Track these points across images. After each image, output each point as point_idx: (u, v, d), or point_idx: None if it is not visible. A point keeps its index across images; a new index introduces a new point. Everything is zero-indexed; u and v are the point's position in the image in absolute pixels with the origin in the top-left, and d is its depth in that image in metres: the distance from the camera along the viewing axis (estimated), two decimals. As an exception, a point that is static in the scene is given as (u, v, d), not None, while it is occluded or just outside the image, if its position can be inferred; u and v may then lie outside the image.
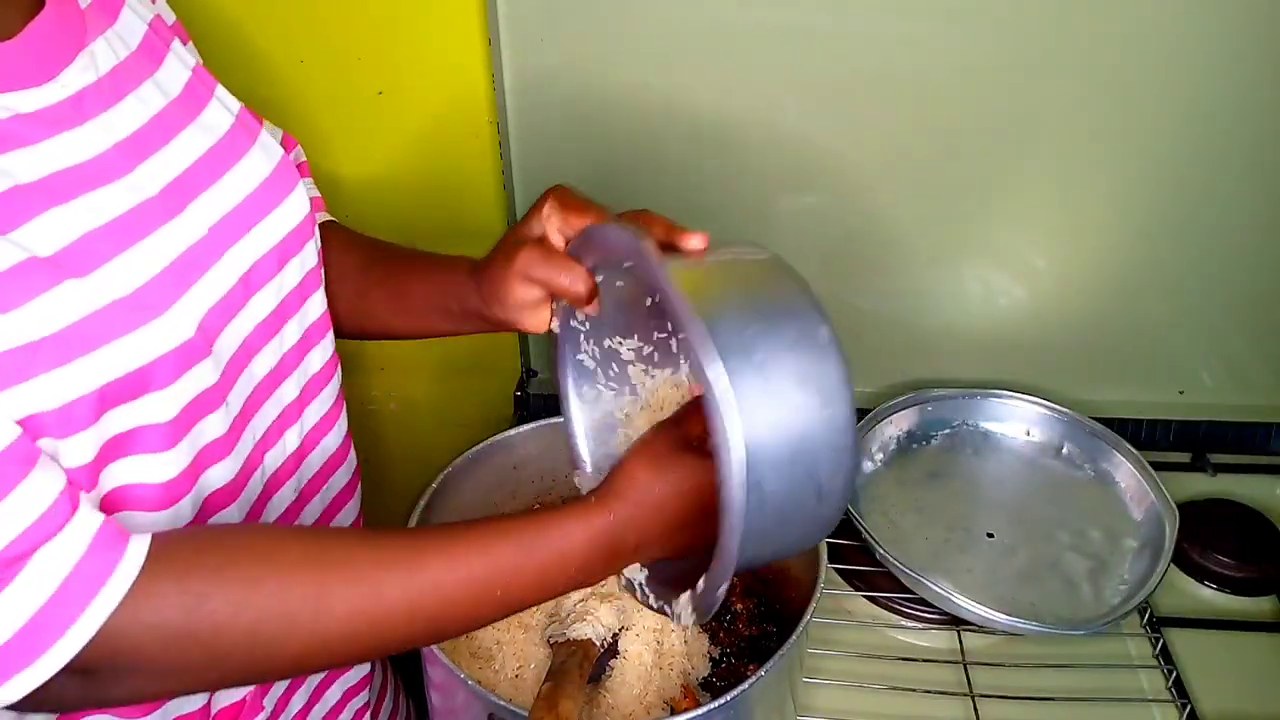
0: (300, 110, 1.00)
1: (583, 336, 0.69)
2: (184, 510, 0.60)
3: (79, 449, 0.52)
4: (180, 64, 0.65)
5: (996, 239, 1.03)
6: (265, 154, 0.66)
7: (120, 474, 0.56)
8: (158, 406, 0.55)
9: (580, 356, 0.70)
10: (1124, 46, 0.90)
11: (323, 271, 0.71)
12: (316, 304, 0.70)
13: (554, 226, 0.65)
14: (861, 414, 1.04)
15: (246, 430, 0.64)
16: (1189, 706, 0.80)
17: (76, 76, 0.56)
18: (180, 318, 0.56)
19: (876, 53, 0.92)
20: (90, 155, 0.55)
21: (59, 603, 0.47)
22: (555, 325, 0.69)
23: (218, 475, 0.62)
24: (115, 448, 0.55)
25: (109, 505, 0.56)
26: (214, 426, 0.60)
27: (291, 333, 0.67)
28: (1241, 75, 0.90)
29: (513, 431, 0.88)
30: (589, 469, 0.71)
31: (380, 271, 0.77)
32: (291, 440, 0.69)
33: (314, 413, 0.72)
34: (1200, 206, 0.98)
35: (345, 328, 0.76)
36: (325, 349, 0.72)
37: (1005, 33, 0.90)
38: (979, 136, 0.96)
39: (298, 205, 0.67)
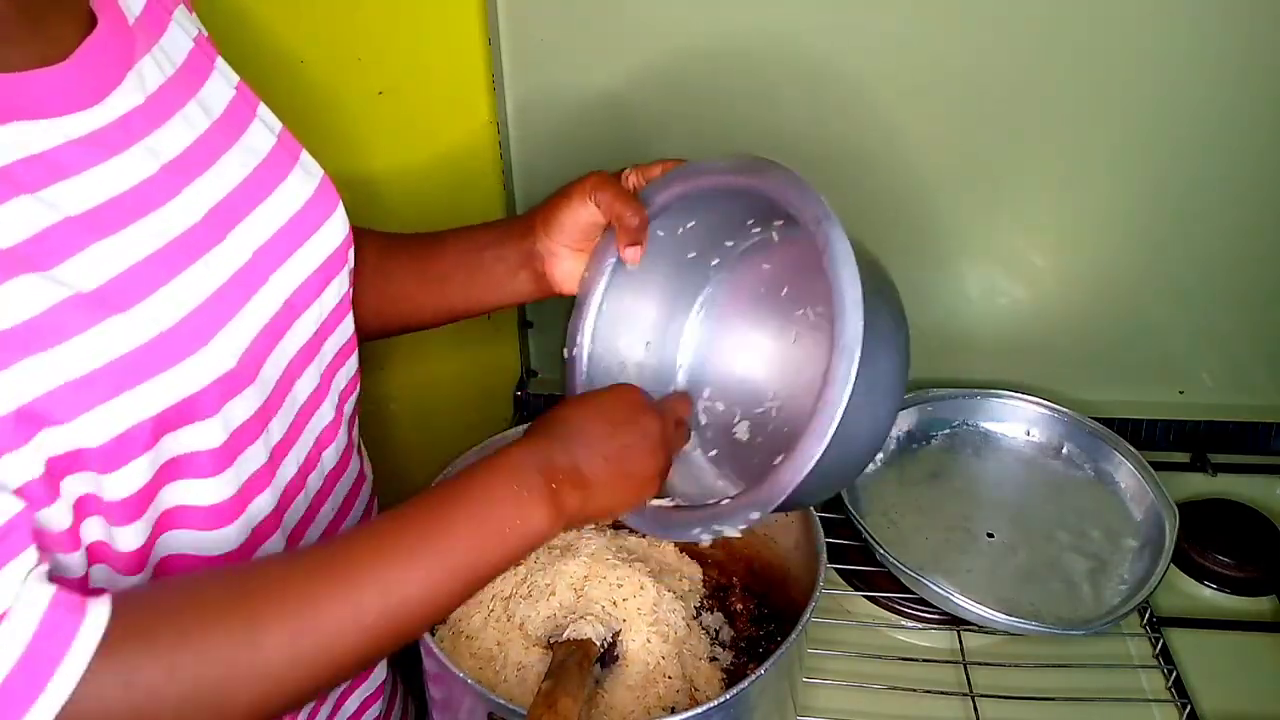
0: (300, 110, 0.99)
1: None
2: (231, 533, 0.59)
3: (135, 474, 0.52)
4: (224, 81, 0.64)
5: (997, 239, 1.03)
6: (307, 175, 0.65)
7: (173, 496, 0.56)
8: (205, 434, 0.55)
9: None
10: (1125, 47, 0.90)
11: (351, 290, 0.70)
12: (348, 325, 0.70)
13: (632, 182, 0.71)
14: (861, 414, 1.04)
15: (290, 454, 0.63)
16: (1189, 706, 0.80)
17: (124, 99, 0.55)
18: (223, 348, 0.55)
19: (877, 54, 0.92)
20: (136, 181, 0.54)
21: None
22: (582, 282, 0.73)
23: (263, 502, 0.61)
24: (169, 472, 0.54)
25: (164, 524, 0.56)
26: (257, 453, 0.59)
27: (328, 354, 0.67)
28: (1242, 76, 0.90)
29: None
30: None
31: (404, 241, 0.77)
32: (329, 459, 0.69)
33: (345, 432, 0.71)
34: (1201, 207, 0.98)
35: (368, 322, 0.75)
36: (350, 367, 0.71)
37: (1005, 32, 0.90)
38: (978, 137, 0.96)
39: (338, 226, 0.66)
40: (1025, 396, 1.05)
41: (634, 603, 0.79)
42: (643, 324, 0.76)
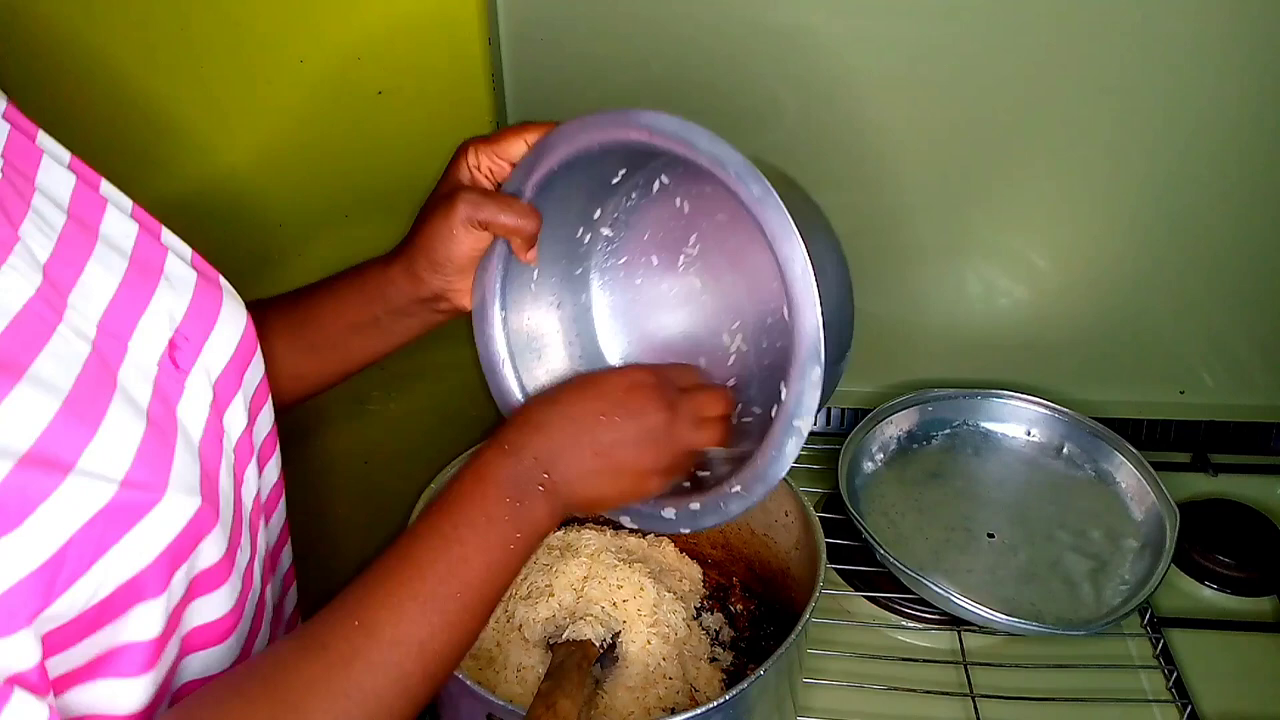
0: (300, 110, 1.00)
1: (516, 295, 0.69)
2: (233, 645, 0.56)
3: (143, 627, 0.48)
4: (57, 164, 0.53)
5: (997, 239, 1.03)
6: (180, 259, 0.57)
7: (193, 616, 0.53)
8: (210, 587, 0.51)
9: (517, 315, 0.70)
10: (1125, 46, 0.90)
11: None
12: (266, 418, 0.62)
13: (485, 167, 0.63)
14: (861, 414, 1.04)
15: (248, 564, 0.58)
16: (1189, 707, 0.80)
17: None
18: (182, 483, 0.48)
19: (878, 52, 0.91)
20: (26, 298, 0.45)
21: None
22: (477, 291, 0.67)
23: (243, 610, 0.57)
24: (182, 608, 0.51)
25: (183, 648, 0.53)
26: (236, 575, 0.55)
27: (258, 441, 0.61)
28: (1242, 76, 0.90)
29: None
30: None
31: (282, 317, 0.68)
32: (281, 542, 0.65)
33: (263, 544, 0.63)
34: (1201, 206, 0.98)
35: (277, 400, 0.68)
36: (274, 466, 0.64)
37: (1006, 32, 0.90)
38: (980, 136, 0.96)
39: (234, 308, 0.59)
40: (1025, 396, 1.05)
41: (634, 603, 0.79)
42: (552, 317, 0.72)
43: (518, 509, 0.55)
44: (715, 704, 0.63)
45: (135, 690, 0.48)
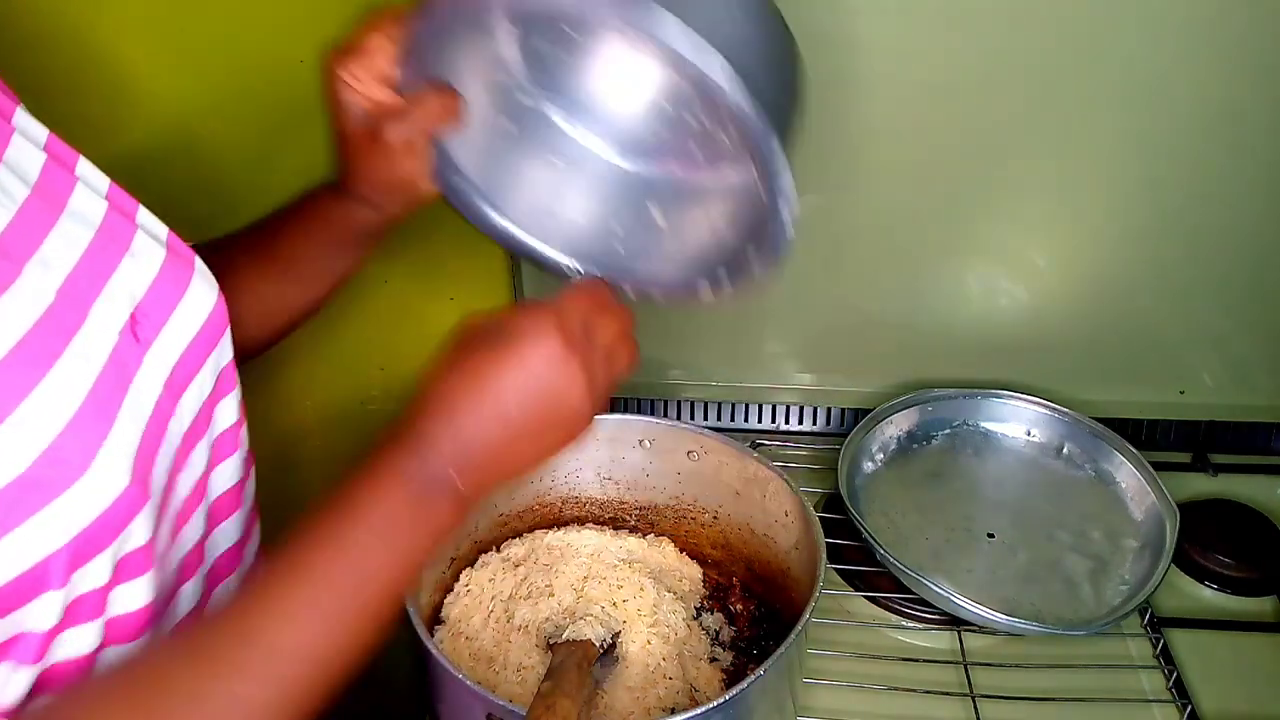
0: (300, 110, 0.99)
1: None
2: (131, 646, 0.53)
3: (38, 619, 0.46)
4: (29, 143, 0.54)
5: (996, 239, 1.03)
6: (151, 237, 0.57)
7: (64, 647, 0.50)
8: (98, 573, 0.48)
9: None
10: (1126, 46, 0.90)
11: (235, 371, 0.62)
12: (227, 411, 0.61)
13: (365, 80, 0.62)
14: (861, 414, 1.04)
15: (170, 556, 0.56)
16: (1189, 707, 0.80)
17: None
18: (113, 462, 0.47)
19: (877, 53, 0.91)
20: None
21: None
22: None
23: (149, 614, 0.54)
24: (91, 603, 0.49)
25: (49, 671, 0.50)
26: (148, 573, 0.52)
27: (215, 432, 0.60)
28: (1242, 75, 0.90)
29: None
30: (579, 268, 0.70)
31: (251, 256, 0.70)
32: (221, 543, 0.63)
33: (222, 541, 0.63)
34: (1201, 206, 0.98)
35: (253, 339, 0.69)
36: (233, 465, 0.62)
37: (1006, 32, 0.90)
38: (980, 136, 0.96)
39: (204, 288, 0.58)
40: (1025, 396, 1.05)
41: (634, 603, 0.79)
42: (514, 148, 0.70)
43: (423, 511, 0.52)
44: (715, 704, 0.63)
45: (21, 680, 0.47)
